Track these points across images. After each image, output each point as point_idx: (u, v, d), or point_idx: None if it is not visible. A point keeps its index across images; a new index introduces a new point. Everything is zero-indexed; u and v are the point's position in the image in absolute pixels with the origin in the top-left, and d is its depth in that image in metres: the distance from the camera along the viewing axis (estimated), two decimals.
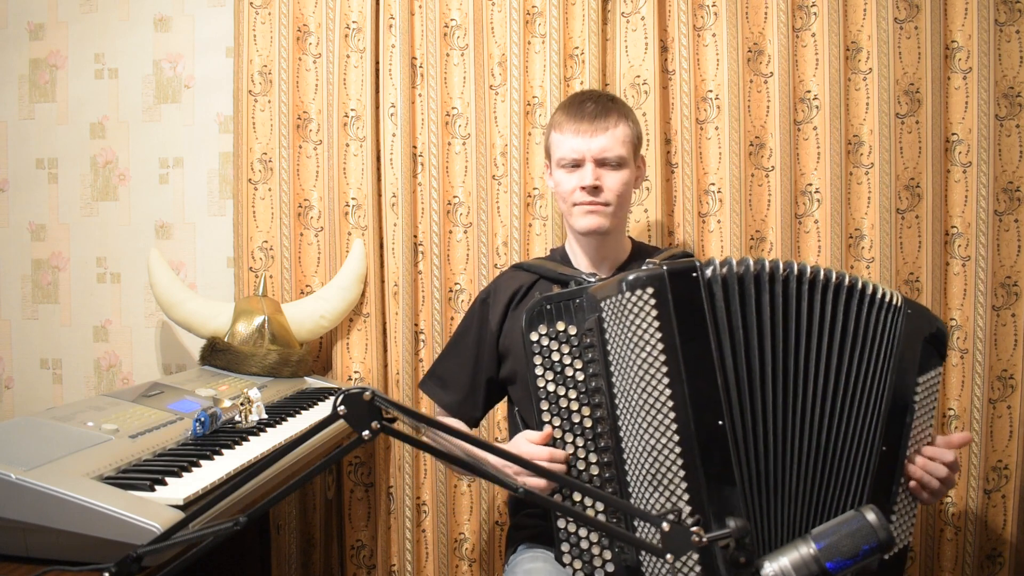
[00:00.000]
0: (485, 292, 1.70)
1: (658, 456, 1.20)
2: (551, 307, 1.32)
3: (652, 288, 1.23)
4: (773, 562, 0.98)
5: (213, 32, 2.26)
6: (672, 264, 1.25)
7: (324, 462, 0.92)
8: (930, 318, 1.37)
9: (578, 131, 1.54)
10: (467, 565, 2.15)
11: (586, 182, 1.53)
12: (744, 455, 1.22)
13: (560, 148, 1.57)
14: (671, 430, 1.20)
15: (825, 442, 1.25)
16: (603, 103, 1.58)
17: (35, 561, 1.10)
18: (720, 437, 1.20)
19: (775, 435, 1.23)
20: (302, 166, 2.18)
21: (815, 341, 1.26)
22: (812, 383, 1.26)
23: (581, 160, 1.55)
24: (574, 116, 1.56)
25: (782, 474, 1.23)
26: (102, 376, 2.34)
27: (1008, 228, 1.99)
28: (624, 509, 1.23)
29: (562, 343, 1.30)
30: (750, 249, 2.05)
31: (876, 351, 1.28)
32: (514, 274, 1.69)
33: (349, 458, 2.18)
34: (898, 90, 1.99)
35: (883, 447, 1.27)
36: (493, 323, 1.62)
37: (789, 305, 1.26)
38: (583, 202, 1.55)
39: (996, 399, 2.00)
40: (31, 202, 2.37)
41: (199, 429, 1.46)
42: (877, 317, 1.29)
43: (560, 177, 1.59)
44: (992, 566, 2.02)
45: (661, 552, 0.93)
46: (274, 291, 2.15)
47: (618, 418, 1.26)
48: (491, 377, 1.64)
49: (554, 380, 1.30)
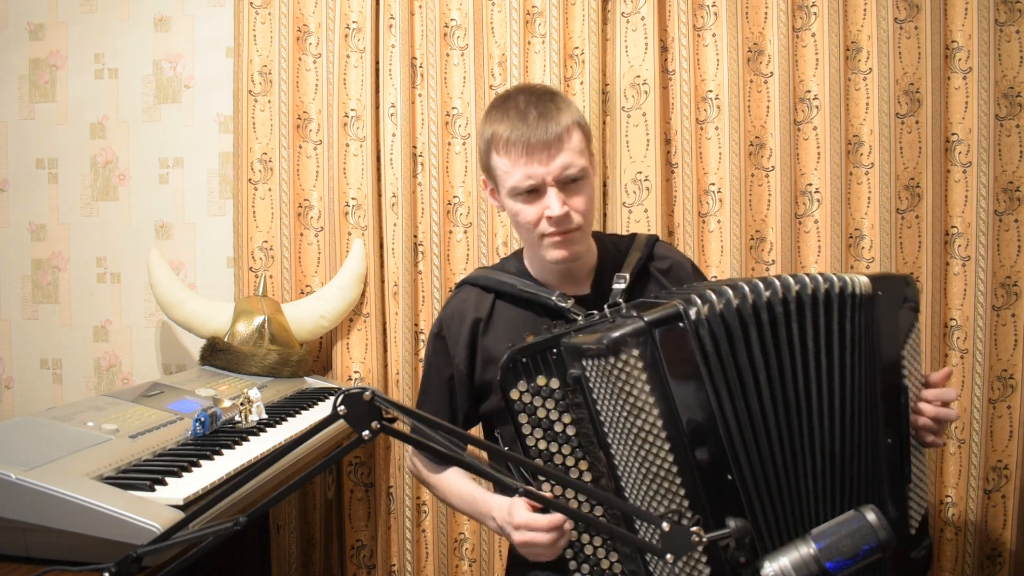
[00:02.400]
0: (436, 324, 1.47)
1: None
2: (527, 360, 1.21)
3: (637, 350, 1.11)
4: (773, 562, 0.98)
5: (213, 32, 2.26)
6: (654, 314, 1.13)
7: (324, 462, 0.92)
8: (898, 285, 1.28)
9: (530, 154, 1.28)
10: (467, 565, 2.15)
11: (554, 212, 1.29)
12: (758, 500, 1.16)
13: (510, 176, 1.31)
14: (679, 495, 1.13)
15: (832, 460, 1.20)
16: (544, 104, 1.32)
17: (35, 561, 1.10)
18: (731, 490, 1.14)
19: (785, 473, 1.17)
20: (302, 166, 2.18)
21: (811, 363, 1.19)
22: (814, 408, 1.19)
23: (540, 186, 1.30)
24: (520, 134, 1.29)
25: (798, 506, 1.18)
26: (102, 376, 2.34)
27: (1008, 228, 1.99)
28: (627, 539, 1.19)
29: (546, 398, 1.21)
30: (750, 249, 2.05)
31: (860, 351, 1.22)
32: (464, 296, 1.46)
33: (349, 458, 2.18)
34: (898, 90, 1.99)
35: (888, 439, 1.23)
36: (459, 361, 1.43)
37: (778, 332, 1.17)
38: (552, 233, 1.31)
39: (996, 399, 2.00)
40: (31, 202, 2.37)
41: (199, 429, 1.46)
42: (854, 318, 1.21)
43: (516, 207, 1.33)
44: (992, 566, 2.01)
45: (661, 552, 0.93)
46: (274, 291, 2.15)
47: (620, 478, 1.17)
48: (468, 412, 1.47)
49: (544, 438, 1.22)
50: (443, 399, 1.46)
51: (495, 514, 1.30)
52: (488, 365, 1.41)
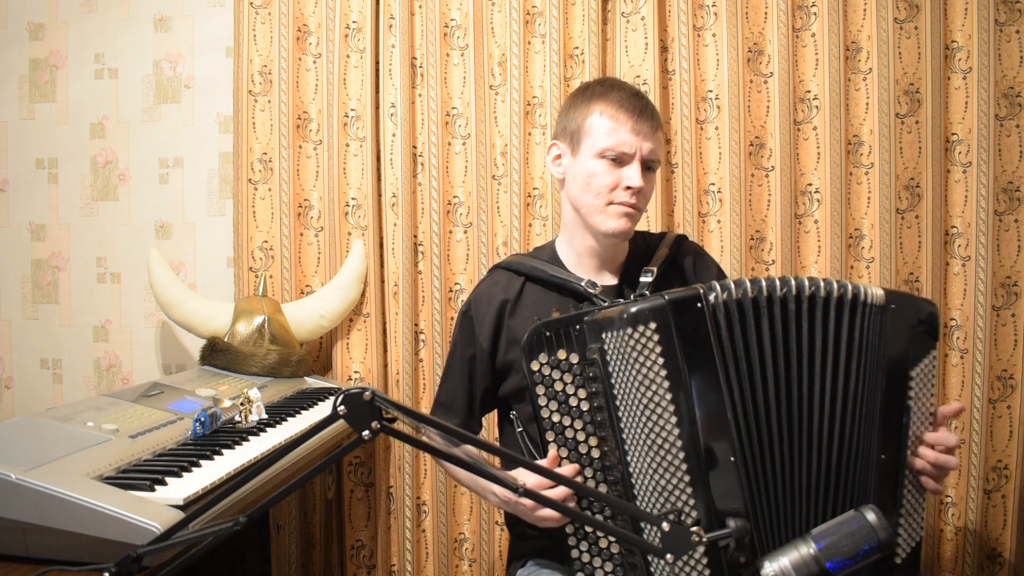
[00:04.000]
0: (466, 304, 1.56)
1: (669, 496, 1.17)
2: (550, 334, 1.26)
3: (655, 323, 1.17)
4: (773, 562, 0.98)
5: (213, 32, 2.26)
6: (675, 294, 1.19)
7: (324, 462, 0.92)
8: (916, 305, 1.30)
9: (637, 127, 1.40)
10: (467, 565, 2.15)
11: (635, 183, 1.39)
12: (756, 488, 1.18)
13: (608, 136, 1.40)
14: (681, 470, 1.17)
15: (828, 463, 1.22)
16: (647, 100, 1.46)
17: (35, 561, 1.10)
18: (731, 473, 1.17)
19: (783, 467, 1.20)
20: (302, 166, 2.18)
21: (817, 363, 1.21)
22: (816, 409, 1.21)
23: (631, 156, 1.40)
24: (629, 108, 1.41)
25: (791, 503, 1.20)
26: (102, 376, 2.34)
27: (1008, 228, 1.99)
28: (627, 526, 1.20)
29: (564, 372, 1.26)
30: (750, 249, 2.05)
31: (866, 360, 1.24)
32: (496, 278, 1.54)
33: (349, 458, 2.18)
34: (898, 90, 1.99)
35: (881, 455, 1.24)
36: (483, 339, 1.50)
37: (788, 328, 1.21)
38: (624, 202, 1.41)
39: (996, 399, 2.00)
40: (31, 202, 2.37)
41: (199, 429, 1.46)
42: (863, 324, 1.24)
43: (596, 167, 1.41)
44: (992, 566, 2.01)
45: (661, 553, 0.93)
46: (274, 291, 2.15)
47: (627, 452, 1.21)
48: (487, 392, 1.54)
49: (559, 410, 1.26)
50: (463, 378, 1.54)
51: (495, 488, 1.34)
52: (512, 346, 1.47)
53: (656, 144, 1.43)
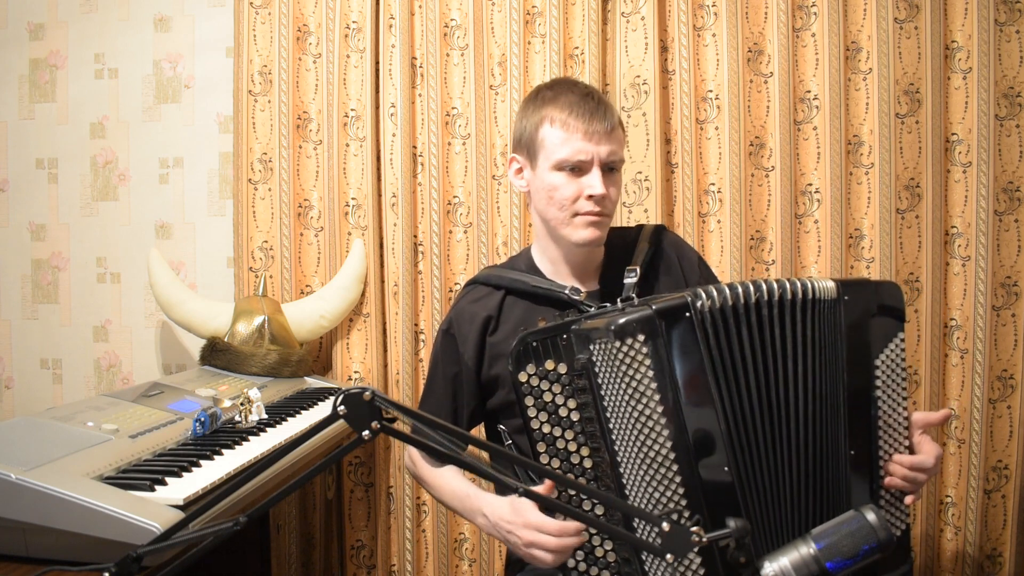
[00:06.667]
0: (446, 322, 1.51)
1: (663, 509, 1.16)
2: (537, 344, 1.24)
3: (643, 335, 1.15)
4: (773, 562, 0.98)
5: (213, 32, 2.26)
6: (662, 303, 1.17)
7: (324, 462, 0.92)
8: (873, 289, 1.29)
9: (589, 132, 1.35)
10: (467, 565, 2.15)
11: (596, 190, 1.35)
12: (747, 497, 1.18)
13: (562, 148, 1.36)
14: (675, 483, 1.16)
15: (806, 466, 1.22)
16: (599, 98, 1.42)
17: (35, 561, 1.10)
18: (725, 483, 1.17)
19: (770, 474, 1.20)
20: (302, 166, 2.18)
21: (790, 366, 1.21)
22: (793, 412, 1.21)
23: (589, 163, 1.36)
24: (579, 112, 1.37)
25: (778, 509, 1.20)
26: (102, 376, 2.34)
27: (1008, 228, 1.99)
28: (628, 539, 1.20)
29: (553, 382, 1.24)
30: (750, 249, 2.05)
31: (824, 357, 1.23)
32: (475, 294, 1.49)
33: (349, 458, 2.18)
34: (898, 90, 1.99)
35: (851, 451, 1.24)
36: (468, 356, 1.45)
37: (764, 332, 1.21)
38: (588, 212, 1.37)
39: (996, 399, 2.00)
40: (31, 202, 2.37)
41: (199, 429, 1.46)
42: (815, 321, 1.23)
43: (556, 180, 1.38)
44: (992, 566, 2.01)
45: (661, 552, 0.93)
46: (274, 291, 2.15)
47: (619, 463, 1.19)
48: (474, 410, 1.49)
49: (549, 421, 1.24)
50: (446, 396, 1.48)
51: (486, 511, 1.30)
52: (496, 360, 1.43)
53: (614, 144, 1.38)
